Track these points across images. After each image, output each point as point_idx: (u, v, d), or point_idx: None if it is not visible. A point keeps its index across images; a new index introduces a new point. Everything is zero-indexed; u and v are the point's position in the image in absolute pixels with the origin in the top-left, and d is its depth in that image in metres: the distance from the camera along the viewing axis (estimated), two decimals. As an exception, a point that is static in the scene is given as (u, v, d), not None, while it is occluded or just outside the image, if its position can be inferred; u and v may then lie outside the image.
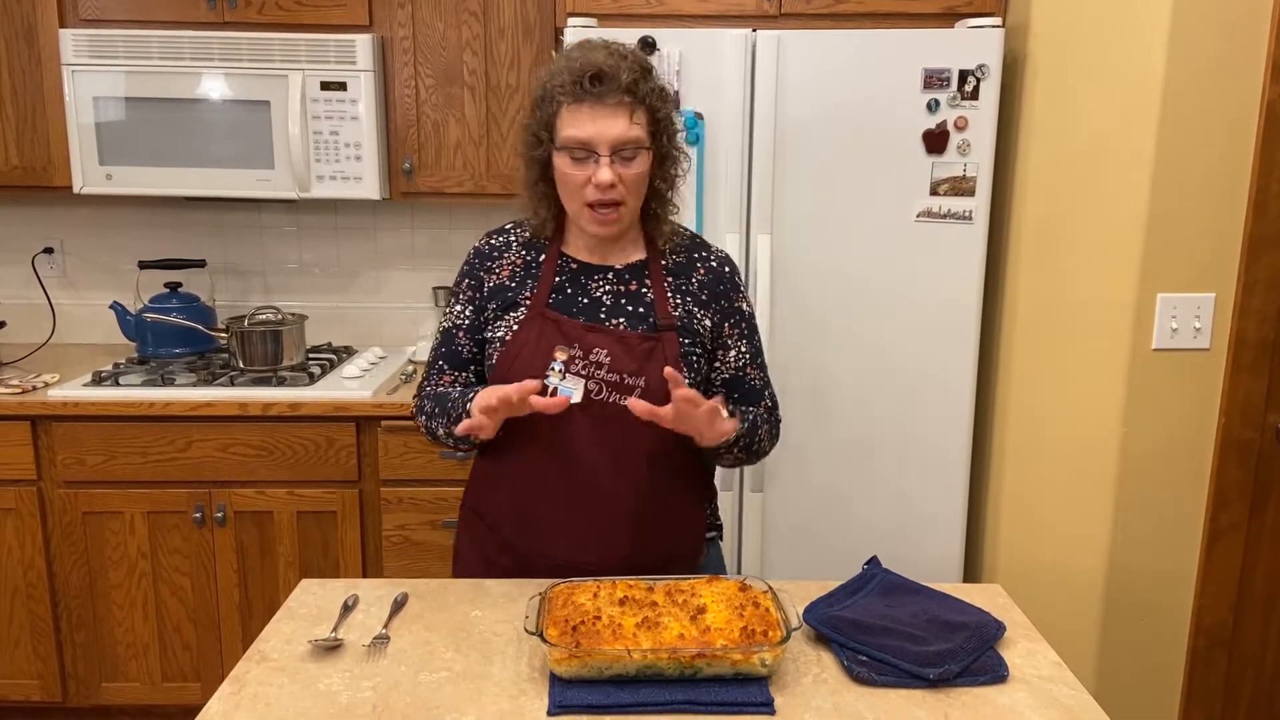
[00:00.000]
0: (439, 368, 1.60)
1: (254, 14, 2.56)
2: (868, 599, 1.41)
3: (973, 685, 1.24)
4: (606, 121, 1.41)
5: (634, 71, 1.43)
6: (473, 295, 1.59)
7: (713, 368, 1.58)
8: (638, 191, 1.49)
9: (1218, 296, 2.07)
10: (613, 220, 1.47)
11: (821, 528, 2.44)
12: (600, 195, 1.44)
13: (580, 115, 1.42)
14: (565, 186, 1.48)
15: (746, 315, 1.61)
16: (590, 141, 1.42)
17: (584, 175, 1.44)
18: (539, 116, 1.48)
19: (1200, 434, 2.13)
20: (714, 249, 1.62)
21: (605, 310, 1.52)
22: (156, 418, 2.43)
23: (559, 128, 1.45)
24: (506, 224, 1.64)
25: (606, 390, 1.47)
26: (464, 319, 1.59)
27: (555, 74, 1.46)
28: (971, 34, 2.26)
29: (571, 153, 1.44)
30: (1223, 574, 2.17)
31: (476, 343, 1.58)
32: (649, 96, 1.45)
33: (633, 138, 1.43)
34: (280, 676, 1.26)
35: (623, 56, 1.44)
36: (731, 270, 1.61)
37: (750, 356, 1.60)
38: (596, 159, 1.43)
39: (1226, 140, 2.01)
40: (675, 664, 1.20)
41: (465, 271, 1.62)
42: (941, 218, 2.31)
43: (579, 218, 1.49)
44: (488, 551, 1.60)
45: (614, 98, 1.41)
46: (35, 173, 2.64)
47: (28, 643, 2.52)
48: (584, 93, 1.41)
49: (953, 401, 2.39)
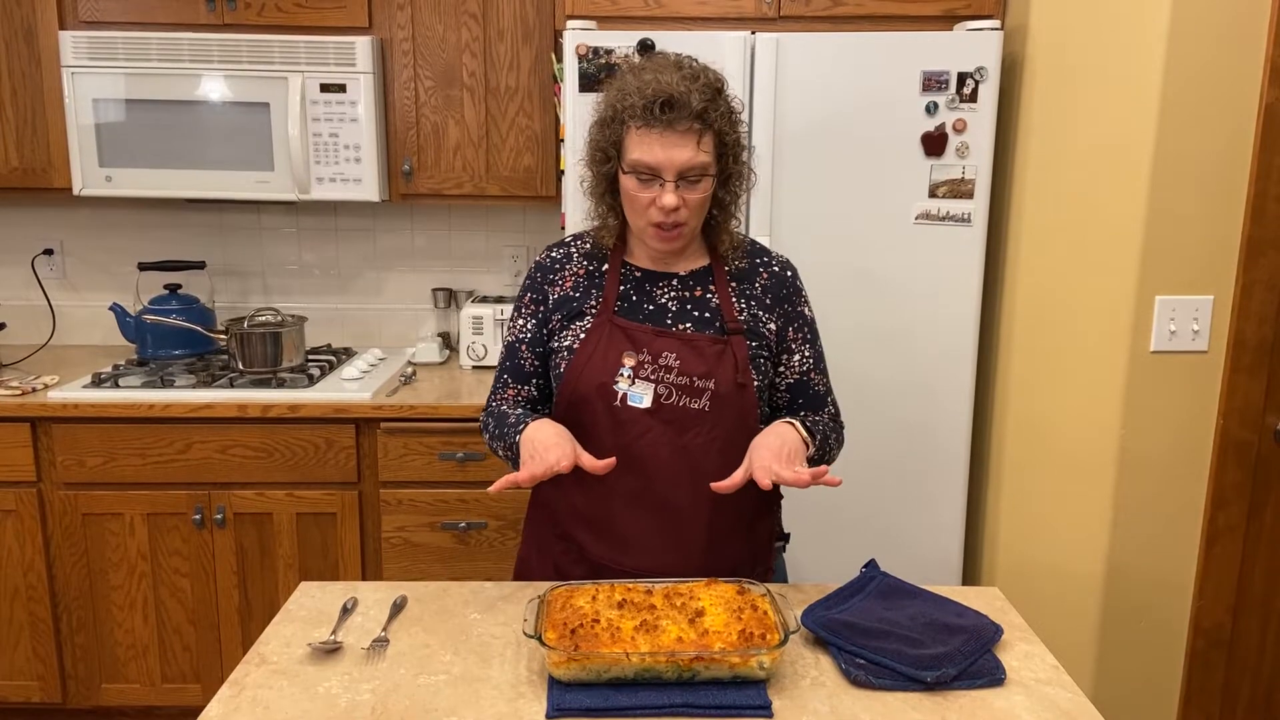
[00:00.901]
0: (504, 381, 1.61)
1: (253, 16, 2.57)
2: (866, 602, 1.41)
3: (970, 688, 1.24)
4: (675, 150, 1.42)
5: (705, 96, 1.42)
6: (535, 309, 1.59)
7: (777, 372, 1.59)
8: (700, 212, 1.50)
9: (1216, 299, 2.08)
10: (675, 239, 1.49)
11: (820, 530, 2.44)
12: (664, 218, 1.45)
13: (649, 140, 1.42)
14: (631, 205, 1.49)
15: (809, 320, 1.62)
16: (657, 167, 1.43)
17: (649, 197, 1.45)
18: (607, 135, 1.48)
19: (1199, 436, 2.13)
20: (775, 254, 1.63)
21: (671, 316, 1.52)
22: (156, 419, 2.43)
23: (627, 148, 1.45)
24: (566, 237, 1.65)
25: (676, 394, 1.48)
26: (526, 333, 1.59)
27: (625, 94, 1.45)
28: (970, 36, 2.26)
29: (638, 175, 1.44)
30: (1221, 576, 2.17)
31: (538, 356, 1.59)
32: (718, 121, 1.45)
33: (699, 164, 1.43)
34: (280, 679, 1.26)
35: (694, 78, 1.44)
36: (793, 275, 1.62)
37: (814, 362, 1.60)
38: (662, 183, 1.43)
39: (1225, 143, 2.01)
40: (673, 667, 1.21)
41: (527, 286, 1.61)
42: (940, 220, 2.31)
43: (643, 234, 1.51)
44: (559, 561, 1.58)
45: (684, 125, 1.41)
46: (35, 174, 2.64)
47: (28, 644, 2.53)
48: (654, 119, 1.41)
49: (952, 404, 2.40)
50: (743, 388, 1.49)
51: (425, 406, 2.45)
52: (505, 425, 1.52)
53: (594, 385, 1.48)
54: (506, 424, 1.52)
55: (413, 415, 2.45)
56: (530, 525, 1.66)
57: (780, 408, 1.61)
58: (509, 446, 1.49)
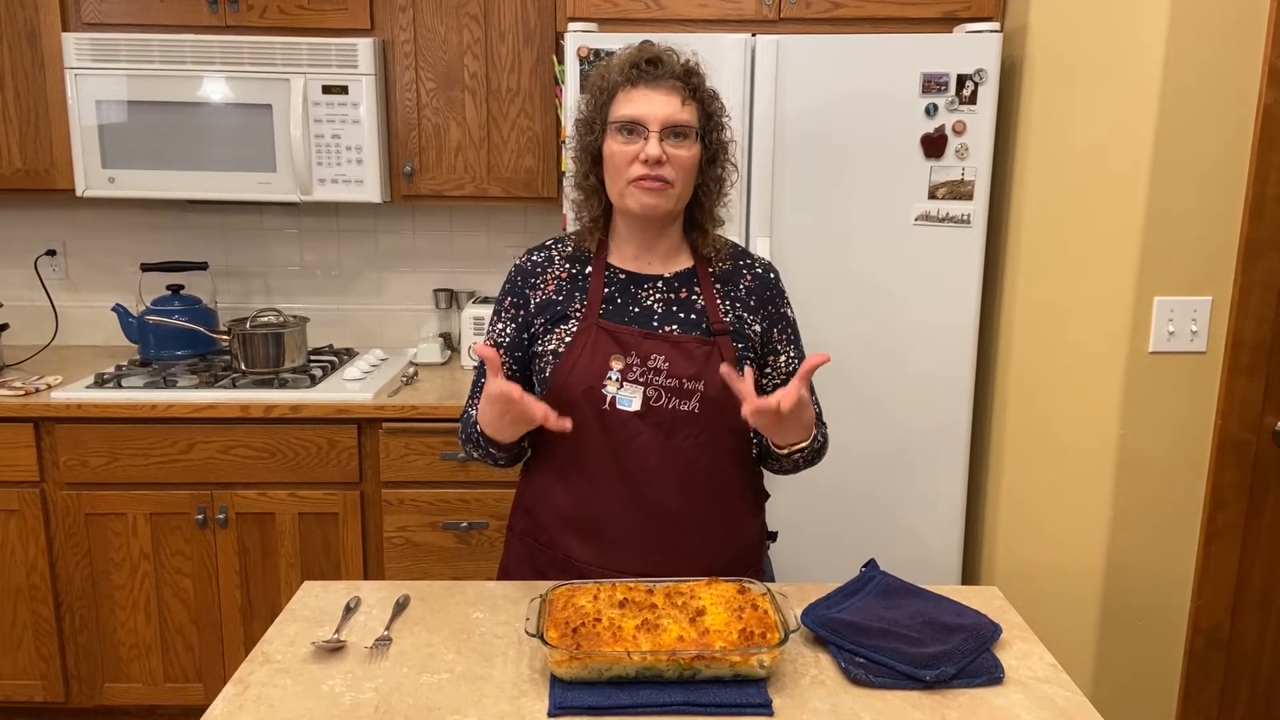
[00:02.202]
0: (480, 386, 1.59)
1: (255, 18, 2.58)
2: (865, 601, 1.42)
3: (969, 687, 1.25)
4: (659, 101, 1.45)
5: (688, 67, 1.49)
6: (516, 313, 1.57)
7: (763, 374, 1.59)
8: (685, 178, 1.49)
9: (1214, 299, 2.08)
10: (659, 190, 1.46)
11: (819, 529, 2.45)
12: (648, 170, 1.45)
13: (634, 95, 1.46)
14: (613, 167, 1.48)
15: (792, 321, 1.62)
16: (642, 118, 1.45)
17: (633, 150, 1.45)
18: (594, 104, 1.51)
19: (1197, 436, 2.14)
20: (757, 257, 1.63)
21: (657, 318, 1.52)
22: (159, 420, 2.44)
23: (612, 111, 1.48)
24: (546, 240, 1.64)
25: (665, 396, 1.48)
26: (505, 337, 1.58)
27: (613, 65, 1.50)
28: (970, 39, 2.27)
29: (622, 129, 1.46)
30: (1220, 575, 2.18)
31: (518, 360, 1.57)
32: (700, 91, 1.49)
33: (683, 120, 1.46)
34: (284, 678, 1.27)
35: (678, 54, 1.50)
36: (776, 277, 1.62)
37: (799, 363, 1.60)
38: (646, 135, 1.45)
39: (1223, 144, 2.02)
40: (674, 666, 1.22)
41: (507, 290, 1.60)
42: (940, 221, 2.32)
43: (625, 197, 1.48)
44: (543, 570, 1.57)
45: (667, 81, 1.46)
46: (38, 175, 2.65)
47: (30, 643, 2.53)
48: (639, 74, 1.46)
49: (951, 404, 2.40)
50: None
51: (427, 407, 2.45)
52: (470, 426, 1.55)
53: (581, 389, 1.47)
54: (470, 424, 1.55)
55: (414, 415, 2.45)
56: (512, 533, 1.64)
57: None
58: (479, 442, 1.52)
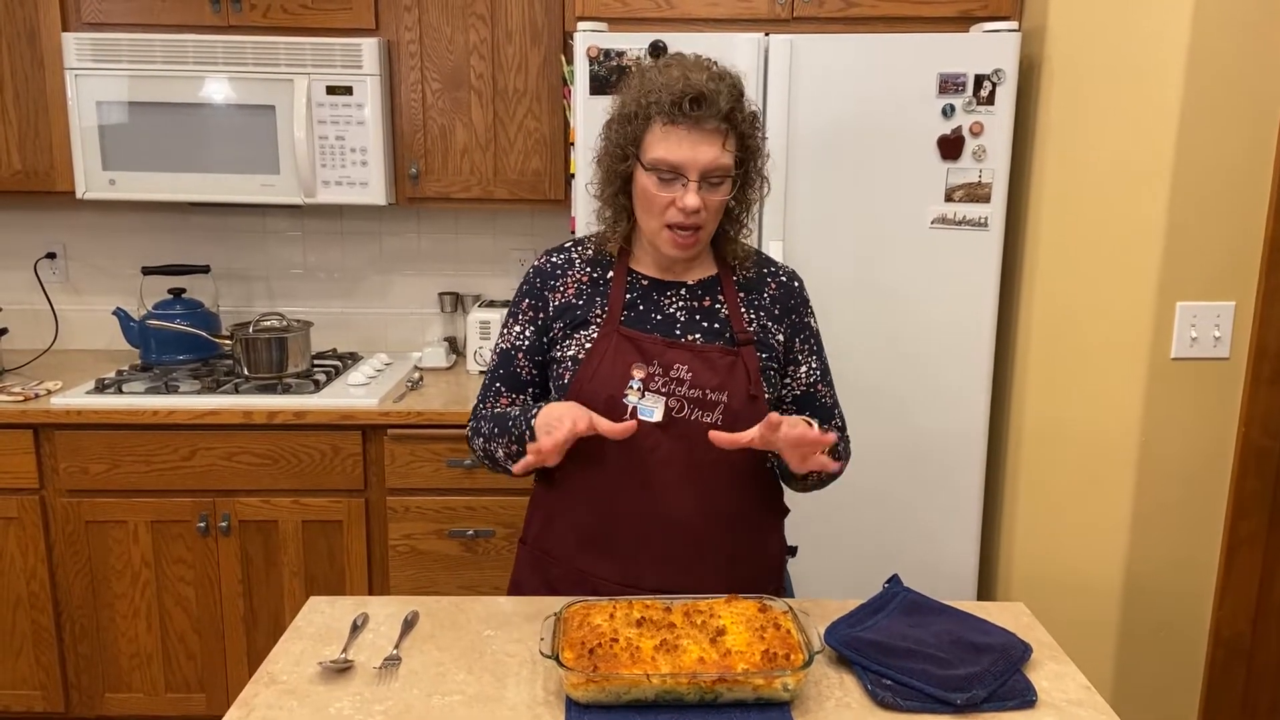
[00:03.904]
0: (496, 390, 1.54)
1: (259, 18, 2.53)
2: (890, 619, 1.38)
3: (1000, 710, 1.21)
4: (701, 149, 1.38)
5: (732, 97, 1.40)
6: (534, 315, 1.53)
7: (784, 384, 1.55)
8: (717, 216, 1.46)
9: (1238, 305, 2.05)
10: (691, 244, 1.44)
11: (833, 539, 2.41)
12: (683, 220, 1.41)
13: (674, 137, 1.39)
14: (647, 206, 1.44)
15: (815, 331, 1.58)
16: (682, 166, 1.39)
17: (668, 197, 1.41)
18: (627, 131, 1.43)
19: (1220, 444, 2.10)
20: (781, 265, 1.60)
21: (680, 326, 1.48)
22: (160, 426, 2.40)
23: (648, 145, 1.41)
24: (565, 242, 1.59)
25: (688, 407, 1.43)
26: (524, 340, 1.53)
27: (651, 90, 1.40)
28: (987, 38, 2.23)
29: (660, 174, 1.40)
30: (1242, 585, 2.14)
31: (536, 364, 1.53)
32: (743, 124, 1.42)
33: (723, 165, 1.40)
34: (290, 700, 1.23)
35: (721, 78, 1.41)
36: (800, 285, 1.58)
37: (820, 373, 1.57)
38: (684, 183, 1.39)
39: (1246, 146, 1.98)
40: (695, 689, 1.18)
41: (525, 291, 1.55)
42: (956, 224, 2.28)
43: (656, 237, 1.46)
44: (552, 579, 1.52)
45: (711, 123, 1.38)
46: (38, 177, 2.61)
47: (30, 652, 2.50)
48: (682, 116, 1.38)
49: (968, 410, 2.36)
50: (755, 400, 1.45)
51: (432, 412, 2.42)
52: (508, 420, 1.47)
53: (602, 398, 1.43)
54: (509, 419, 1.47)
55: (420, 421, 2.42)
56: (524, 545, 1.59)
57: None
58: (519, 438, 1.43)
